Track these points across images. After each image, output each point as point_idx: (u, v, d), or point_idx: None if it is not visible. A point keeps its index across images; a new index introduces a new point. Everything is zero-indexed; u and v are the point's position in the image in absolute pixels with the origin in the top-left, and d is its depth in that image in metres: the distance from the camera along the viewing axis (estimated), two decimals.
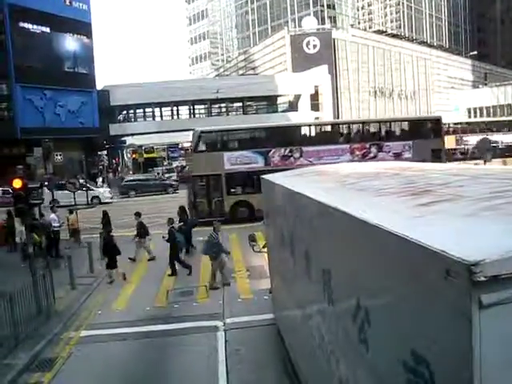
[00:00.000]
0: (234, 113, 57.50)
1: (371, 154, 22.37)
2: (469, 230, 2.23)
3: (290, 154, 21.94)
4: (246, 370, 8.06)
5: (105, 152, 58.99)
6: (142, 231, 16.03)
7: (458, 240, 2.04)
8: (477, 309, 1.78)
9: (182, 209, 17.72)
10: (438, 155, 21.96)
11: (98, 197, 34.54)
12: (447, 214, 2.58)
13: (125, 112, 57.14)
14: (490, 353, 1.81)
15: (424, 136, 23.05)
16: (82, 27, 48.14)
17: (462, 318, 1.83)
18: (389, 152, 22.30)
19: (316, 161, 20.58)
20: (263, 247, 9.39)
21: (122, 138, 61.82)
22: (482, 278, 1.75)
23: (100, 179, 46.29)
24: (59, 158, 34.50)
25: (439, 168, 5.38)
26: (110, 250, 13.76)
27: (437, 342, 2.09)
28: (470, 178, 3.89)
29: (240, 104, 56.49)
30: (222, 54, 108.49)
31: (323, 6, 77.38)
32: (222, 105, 57.07)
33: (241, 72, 74.01)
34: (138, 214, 16.42)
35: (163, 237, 14.45)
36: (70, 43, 47.14)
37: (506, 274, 1.77)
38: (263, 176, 8.48)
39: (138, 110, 56.49)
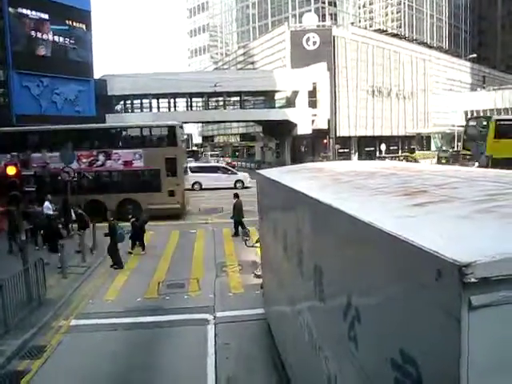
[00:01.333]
0: (231, 107, 57.30)
1: (99, 162, 21.84)
2: (461, 231, 2.24)
3: None
4: (234, 364, 8.08)
5: None
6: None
7: (451, 241, 2.05)
8: (466, 310, 1.79)
9: None
10: (173, 165, 21.29)
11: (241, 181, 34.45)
12: (441, 214, 2.59)
13: (122, 102, 56.81)
14: (478, 354, 1.82)
15: (156, 144, 22.24)
16: (82, 15, 47.73)
17: (451, 318, 1.84)
18: (118, 160, 21.65)
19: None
20: (256, 242, 9.40)
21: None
22: (473, 280, 1.76)
23: None
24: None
25: (435, 170, 5.40)
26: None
27: (425, 342, 2.11)
28: (465, 181, 3.91)
29: (237, 98, 56.28)
30: (221, 48, 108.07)
31: (324, 2, 77.14)
32: (220, 98, 56.83)
33: (239, 66, 73.76)
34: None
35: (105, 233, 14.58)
36: (69, 31, 46.79)
37: (497, 276, 1.78)
38: (258, 171, 8.49)
39: (135, 101, 56.17)
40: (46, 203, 17.28)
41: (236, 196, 18.82)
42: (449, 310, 1.85)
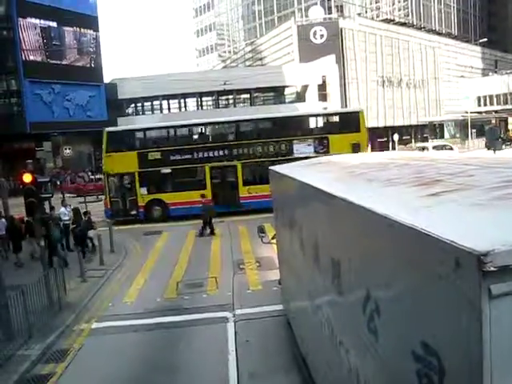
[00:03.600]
0: (241, 104, 57.30)
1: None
2: (478, 219, 2.22)
3: None
4: (255, 361, 8.10)
5: None
6: None
7: (468, 230, 2.03)
8: (487, 299, 1.77)
9: (75, 211, 17.72)
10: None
11: None
12: (457, 203, 2.56)
13: (133, 105, 57.17)
14: (500, 342, 1.80)
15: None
16: (89, 21, 48.16)
17: (471, 308, 1.83)
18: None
19: None
20: (272, 238, 9.40)
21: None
22: (492, 268, 1.74)
23: None
24: (68, 151, 34.78)
25: (449, 158, 5.34)
26: None
27: (446, 333, 2.09)
28: (481, 168, 3.85)
29: (247, 95, 56.25)
30: (229, 46, 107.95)
31: None
32: (230, 96, 56.85)
33: (248, 63, 73.63)
34: None
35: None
36: (77, 37, 47.21)
37: None
38: (271, 167, 8.48)
39: (145, 103, 56.45)
40: (62, 209, 17.47)
41: (202, 196, 19.12)
42: (469, 299, 1.84)
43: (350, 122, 23.24)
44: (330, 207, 4.05)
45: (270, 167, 8.57)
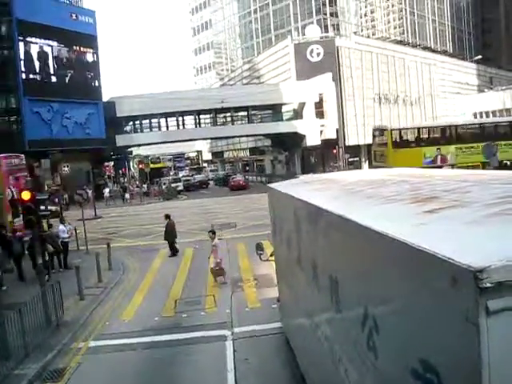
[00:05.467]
0: (239, 122, 57.66)
1: None
2: (475, 236, 2.24)
3: None
4: (254, 379, 8.03)
5: (111, 163, 59.35)
6: None
7: (464, 247, 2.05)
8: (484, 315, 1.78)
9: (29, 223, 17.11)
10: None
11: None
12: (453, 220, 2.59)
13: (131, 123, 57.50)
14: (498, 359, 1.81)
15: None
16: (88, 40, 48.72)
17: (469, 324, 1.84)
18: None
19: None
20: (270, 256, 9.39)
21: (129, 149, 62.16)
22: (489, 285, 1.76)
23: (106, 190, 46.58)
24: (66, 169, 34.79)
25: (445, 174, 5.39)
26: None
27: (445, 350, 2.10)
28: (476, 184, 3.89)
29: (245, 113, 56.64)
30: (227, 64, 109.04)
31: (326, 14, 77.69)
32: (227, 114, 57.28)
33: (245, 81, 74.29)
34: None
35: None
36: (76, 56, 47.67)
37: (510, 280, 1.78)
38: (269, 185, 8.51)
39: (143, 121, 56.80)
40: (61, 226, 17.45)
41: (167, 217, 18.88)
42: (466, 315, 1.85)
43: None
44: (327, 225, 4.07)
45: (268, 184, 8.60)
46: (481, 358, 1.80)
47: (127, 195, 45.38)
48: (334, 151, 53.09)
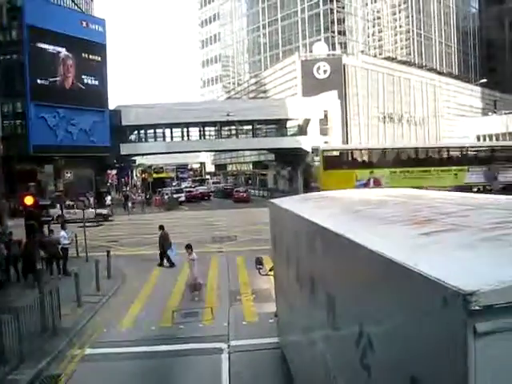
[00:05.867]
0: (243, 135, 57.95)
1: None
2: (467, 260, 2.32)
3: None
4: None
5: (114, 171, 59.61)
6: None
7: (456, 270, 2.13)
8: (472, 337, 1.85)
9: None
10: None
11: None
12: (448, 243, 2.67)
13: (136, 132, 57.82)
14: (485, 379, 1.88)
15: None
16: (97, 48, 49.26)
17: (457, 345, 1.91)
18: None
19: None
20: (270, 270, 9.44)
21: (133, 158, 62.44)
22: (477, 307, 1.83)
23: (108, 198, 46.73)
24: (69, 175, 35.02)
25: (446, 197, 5.46)
26: None
27: (434, 369, 2.16)
28: (475, 208, 3.97)
29: (250, 127, 56.96)
30: (234, 77, 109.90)
31: (334, 32, 78.49)
32: (232, 127, 57.58)
33: (251, 95, 74.83)
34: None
35: None
36: (85, 63, 48.16)
37: (501, 303, 1.85)
38: (270, 200, 8.61)
39: (148, 131, 57.13)
40: (62, 232, 17.53)
41: (161, 228, 18.96)
42: (455, 337, 1.92)
43: None
44: (326, 242, 4.14)
45: (269, 200, 8.69)
46: (468, 378, 1.87)
47: (129, 204, 45.49)
48: None
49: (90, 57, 48.98)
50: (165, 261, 18.50)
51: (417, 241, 2.85)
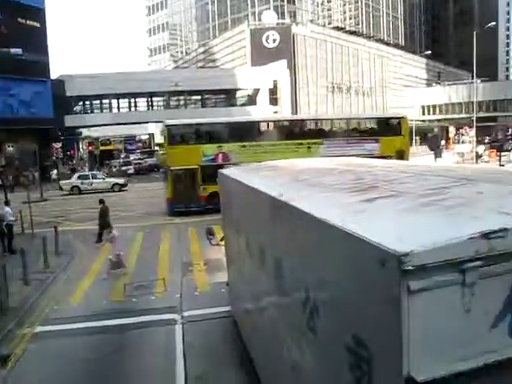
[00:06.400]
0: (192, 105, 57.10)
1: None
2: (404, 224, 2.46)
3: None
4: (203, 362, 8.18)
5: (59, 144, 57.43)
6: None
7: (393, 233, 2.26)
8: (406, 294, 1.99)
9: None
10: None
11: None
12: (387, 209, 2.80)
13: (81, 103, 55.72)
14: (417, 333, 2.03)
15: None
16: (35, 13, 46.55)
17: (393, 303, 2.04)
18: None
19: None
20: (221, 240, 9.52)
21: (78, 130, 60.31)
22: (410, 267, 1.96)
23: (54, 172, 45.12)
24: (11, 149, 33.47)
25: (389, 165, 5.67)
26: None
27: (373, 326, 2.31)
28: (414, 175, 4.16)
29: (199, 97, 56.15)
30: (182, 46, 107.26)
31: (283, 0, 77.80)
32: (181, 97, 56.56)
33: (200, 65, 73.51)
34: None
35: None
36: (22, 30, 45.48)
37: (431, 263, 1.99)
38: (220, 170, 8.61)
39: (94, 101, 55.19)
40: (7, 208, 16.86)
41: (101, 202, 18.68)
42: (391, 295, 2.05)
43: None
44: (273, 211, 4.24)
45: (218, 170, 8.70)
46: (402, 333, 2.01)
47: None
48: None
49: (28, 22, 46.28)
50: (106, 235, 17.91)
51: (360, 207, 2.97)
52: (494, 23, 63.44)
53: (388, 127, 25.28)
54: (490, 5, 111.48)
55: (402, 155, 23.21)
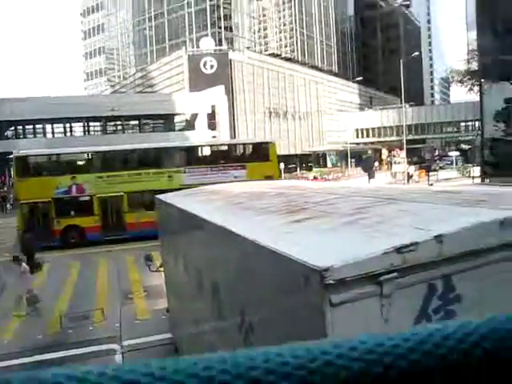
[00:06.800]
0: (130, 131, 56.31)
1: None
2: (327, 241, 2.64)
3: None
4: None
5: None
6: None
7: (317, 250, 2.43)
8: (328, 308, 2.15)
9: None
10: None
11: None
12: (313, 228, 2.99)
13: (12, 128, 53.42)
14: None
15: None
16: None
17: (318, 315, 2.19)
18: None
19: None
20: (160, 266, 9.44)
21: (10, 156, 57.56)
22: (331, 281, 2.12)
23: None
24: None
25: (319, 187, 5.94)
26: None
27: (302, 339, 2.45)
28: (342, 197, 4.41)
29: (136, 122, 55.50)
30: (119, 71, 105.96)
31: (221, 27, 79.11)
32: (118, 122, 55.63)
33: (138, 89, 72.85)
34: None
35: None
36: None
37: (351, 277, 2.17)
38: (157, 196, 8.61)
39: (27, 126, 53.10)
40: None
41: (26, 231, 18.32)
42: (316, 308, 2.21)
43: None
44: (209, 234, 4.34)
45: (156, 195, 8.69)
46: None
47: (7, 205, 41.97)
48: None
49: None
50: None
51: (288, 228, 3.14)
52: (417, 53, 67.81)
53: (255, 153, 24.53)
54: (414, 34, 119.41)
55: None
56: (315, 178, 44.55)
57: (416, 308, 2.37)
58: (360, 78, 78.21)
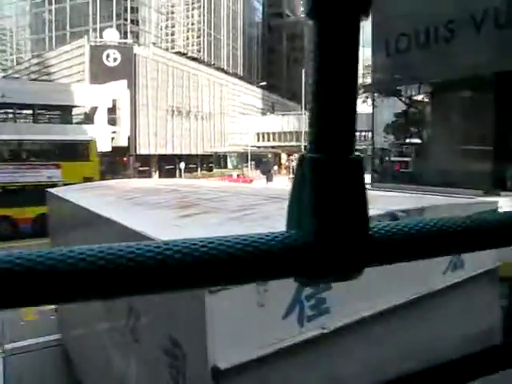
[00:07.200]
0: (22, 120, 52.56)
1: None
2: (211, 234, 2.83)
3: None
4: None
5: None
6: None
7: None
8: (208, 294, 2.33)
9: None
10: None
11: None
12: (201, 223, 3.17)
13: None
14: (219, 328, 2.37)
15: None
16: None
17: (198, 302, 2.36)
18: None
19: None
20: None
21: None
22: None
23: None
24: None
25: (215, 186, 6.15)
26: None
27: (185, 326, 2.61)
28: (234, 195, 4.65)
29: (30, 111, 51.97)
30: (12, 54, 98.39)
31: (127, 20, 76.84)
32: (9, 110, 51.70)
33: (33, 77, 68.17)
34: None
35: None
36: None
37: None
38: (48, 189, 8.27)
39: None
40: None
41: None
42: (197, 295, 2.37)
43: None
44: (98, 228, 4.34)
45: (47, 189, 8.35)
46: (206, 328, 2.34)
47: None
48: (125, 159, 52.49)
49: None
50: None
51: (177, 221, 3.29)
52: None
53: (73, 151, 22.91)
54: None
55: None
56: (238, 176, 45.62)
57: (290, 293, 2.63)
58: (264, 83, 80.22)
